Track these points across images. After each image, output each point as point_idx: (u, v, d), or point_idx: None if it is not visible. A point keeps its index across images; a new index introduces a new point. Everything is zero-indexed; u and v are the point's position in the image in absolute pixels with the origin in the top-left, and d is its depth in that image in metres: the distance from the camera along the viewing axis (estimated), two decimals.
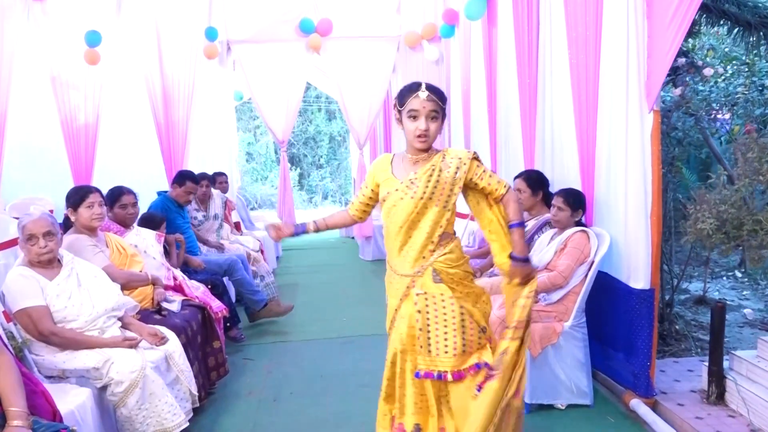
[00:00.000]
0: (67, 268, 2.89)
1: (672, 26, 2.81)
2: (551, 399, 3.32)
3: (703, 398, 3.22)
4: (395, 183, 2.40)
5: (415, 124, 2.29)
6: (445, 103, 2.32)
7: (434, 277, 2.36)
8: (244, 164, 17.74)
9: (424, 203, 2.33)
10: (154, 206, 4.91)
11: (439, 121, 2.32)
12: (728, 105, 5.39)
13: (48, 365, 2.74)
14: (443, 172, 2.34)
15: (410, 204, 2.34)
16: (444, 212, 2.35)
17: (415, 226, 2.36)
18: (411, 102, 2.28)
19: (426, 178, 2.34)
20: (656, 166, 3.09)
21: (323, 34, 7.49)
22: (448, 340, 2.34)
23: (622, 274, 3.33)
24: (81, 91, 6.55)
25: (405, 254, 2.39)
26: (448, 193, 2.35)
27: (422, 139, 2.30)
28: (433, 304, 2.35)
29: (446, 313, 2.34)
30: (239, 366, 4.11)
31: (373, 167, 2.54)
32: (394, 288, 2.45)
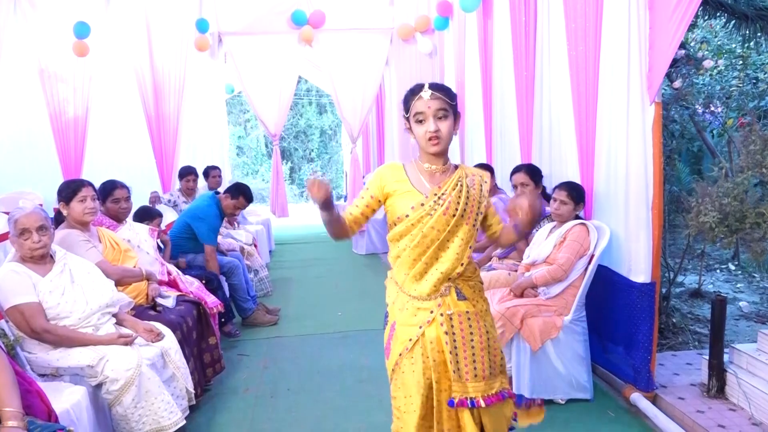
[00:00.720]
0: (60, 263, 2.82)
1: (675, 17, 2.78)
2: (551, 394, 3.30)
3: (704, 392, 3.22)
4: (419, 197, 2.12)
5: (424, 127, 2.07)
6: (454, 100, 2.10)
7: (458, 294, 2.14)
8: (234, 158, 17.62)
9: (456, 221, 2.09)
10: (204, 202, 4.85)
11: (451, 120, 2.08)
12: (722, 98, 5.40)
13: (41, 363, 2.68)
14: (471, 188, 2.14)
15: (442, 221, 2.08)
16: (474, 231, 2.14)
17: (445, 246, 2.11)
18: (415, 105, 2.08)
19: (456, 193, 2.10)
20: (657, 158, 3.06)
21: (316, 26, 7.43)
22: (477, 362, 2.11)
23: (622, 267, 3.31)
24: (70, 84, 6.46)
25: (429, 277, 2.13)
26: (476, 209, 2.14)
27: (435, 141, 2.06)
28: (459, 324, 2.12)
29: (473, 332, 2.13)
30: (235, 362, 4.07)
31: (383, 173, 2.22)
32: (410, 315, 2.14)
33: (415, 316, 2.13)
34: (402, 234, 2.13)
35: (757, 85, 5.81)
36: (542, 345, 3.24)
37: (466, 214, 2.11)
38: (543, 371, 3.27)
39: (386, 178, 2.20)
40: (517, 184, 3.77)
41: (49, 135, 6.46)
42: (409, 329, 2.13)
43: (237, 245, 5.76)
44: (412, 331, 2.12)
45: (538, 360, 3.25)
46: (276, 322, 4.93)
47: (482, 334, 2.14)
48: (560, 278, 3.31)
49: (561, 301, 3.32)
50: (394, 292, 2.21)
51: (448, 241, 2.11)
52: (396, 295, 2.20)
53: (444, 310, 2.11)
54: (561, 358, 3.29)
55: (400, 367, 2.12)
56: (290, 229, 10.20)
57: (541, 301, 3.34)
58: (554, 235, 3.44)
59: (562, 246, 3.35)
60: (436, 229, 2.08)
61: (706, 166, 7.43)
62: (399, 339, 2.14)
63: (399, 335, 2.14)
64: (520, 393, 3.26)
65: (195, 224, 4.70)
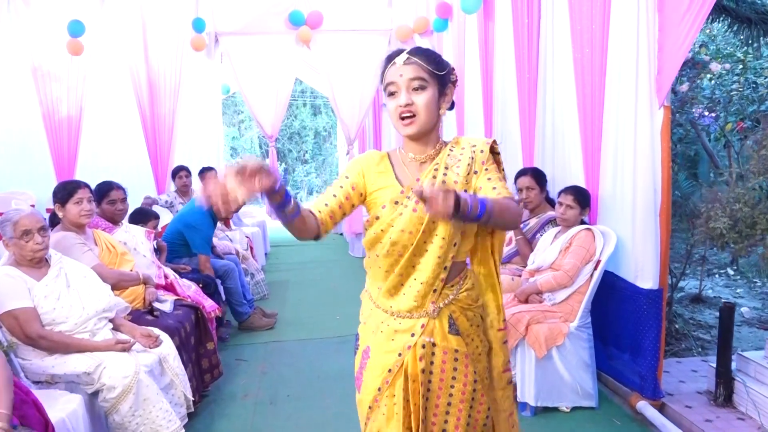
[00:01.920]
0: (56, 267, 2.74)
1: (686, 20, 2.73)
2: (556, 401, 3.25)
3: (711, 400, 3.17)
4: (395, 191, 1.69)
5: (395, 101, 1.63)
6: (439, 68, 1.64)
7: (450, 324, 1.71)
8: (228, 159, 17.51)
9: (431, 217, 1.62)
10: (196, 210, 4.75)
11: (431, 92, 1.62)
12: (723, 102, 5.38)
13: (36, 370, 2.60)
14: (451, 168, 1.68)
15: (413, 219, 1.64)
16: (459, 224, 1.65)
17: (422, 251, 1.68)
18: (387, 73, 1.65)
19: (429, 182, 1.65)
20: (665, 163, 3.01)
21: (313, 26, 7.36)
22: (450, 416, 1.71)
23: (628, 273, 3.26)
24: (63, 83, 6.37)
25: (407, 290, 1.72)
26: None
27: (407, 121, 1.62)
28: (442, 363, 1.70)
29: (456, 377, 1.70)
30: (232, 367, 3.99)
31: (363, 160, 1.78)
32: (386, 338, 1.72)
33: (393, 340, 1.71)
34: (373, 241, 1.72)
35: (757, 89, 5.80)
36: (547, 352, 3.18)
37: None
38: (548, 378, 3.21)
39: (367, 167, 1.75)
40: (522, 188, 3.72)
41: (42, 134, 6.36)
42: (385, 357, 1.71)
43: (233, 248, 5.69)
44: (389, 359, 1.70)
45: (543, 367, 3.20)
46: (273, 326, 4.85)
47: (468, 384, 1.71)
48: (566, 284, 3.26)
49: (566, 308, 3.27)
50: (368, 308, 1.82)
51: (425, 243, 1.67)
52: (369, 312, 1.81)
53: (426, 337, 1.69)
54: (566, 365, 3.24)
55: (378, 407, 1.71)
56: (284, 231, 10.11)
57: (546, 307, 3.29)
58: (559, 240, 3.39)
59: (567, 252, 3.31)
60: (407, 232, 1.65)
61: (703, 171, 7.43)
62: (374, 370, 1.73)
63: (373, 365, 1.74)
64: (525, 401, 3.21)
65: (188, 233, 4.63)
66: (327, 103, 18.03)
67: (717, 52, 5.94)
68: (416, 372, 1.68)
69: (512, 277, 3.77)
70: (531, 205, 3.74)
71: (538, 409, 3.21)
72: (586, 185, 3.57)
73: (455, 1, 6.19)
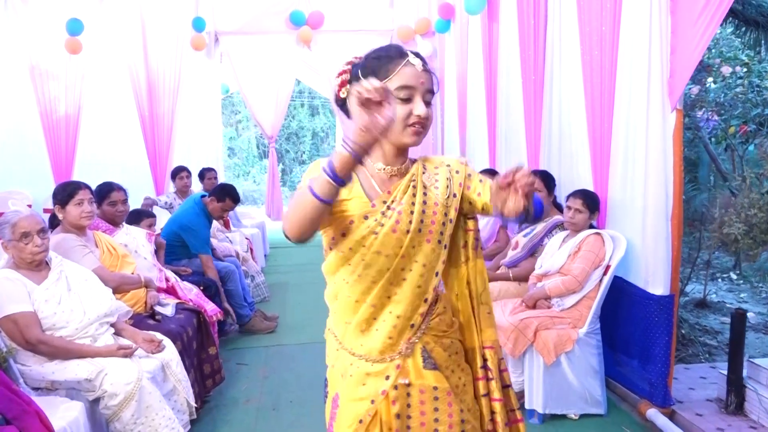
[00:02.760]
0: (56, 271, 2.68)
1: (700, 22, 2.69)
2: (564, 409, 3.19)
3: (722, 408, 3.12)
4: (364, 205, 1.47)
5: (409, 107, 1.43)
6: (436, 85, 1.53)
7: (425, 359, 1.50)
8: (225, 159, 17.43)
9: (411, 238, 1.45)
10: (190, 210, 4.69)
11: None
12: (727, 105, 5.35)
13: (35, 376, 2.53)
14: (430, 188, 1.52)
15: (392, 241, 1.45)
16: (440, 250, 1.50)
17: (399, 279, 1.47)
18: (402, 73, 1.43)
19: (409, 199, 1.47)
20: (678, 167, 2.97)
21: (314, 26, 7.32)
22: None
23: (639, 279, 3.21)
24: (61, 82, 6.31)
25: (380, 326, 1.49)
26: (441, 220, 1.50)
27: (417, 129, 1.45)
28: (420, 404, 1.48)
29: (439, 419, 1.49)
30: (234, 371, 3.92)
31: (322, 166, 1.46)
32: (355, 384, 1.50)
33: (364, 385, 1.49)
34: (339, 263, 1.50)
35: (761, 92, 5.77)
36: (556, 358, 3.13)
37: (425, 228, 1.48)
38: (556, 385, 3.16)
39: None
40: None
41: (39, 134, 6.30)
42: (355, 405, 1.49)
43: (233, 250, 5.62)
44: (361, 408, 1.48)
45: (552, 374, 3.15)
46: (274, 330, 4.79)
47: (454, 425, 1.49)
48: (575, 289, 3.21)
49: (575, 313, 3.22)
50: (333, 350, 1.58)
51: (402, 270, 1.47)
52: (336, 354, 1.57)
53: (403, 378, 1.48)
54: (575, 372, 3.19)
55: None
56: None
57: (554, 312, 3.24)
58: (568, 244, 3.34)
59: (576, 256, 3.26)
60: (384, 254, 1.45)
61: (703, 174, 7.40)
62: (344, 420, 1.50)
63: (343, 415, 1.51)
64: (533, 408, 3.16)
65: (184, 235, 4.55)
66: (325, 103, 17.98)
67: (720, 54, 5.92)
68: (390, 419, 1.47)
69: (518, 282, 3.72)
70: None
71: (546, 416, 3.16)
72: (595, 189, 3.52)
73: (458, 1, 6.15)
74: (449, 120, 6.99)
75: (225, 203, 4.66)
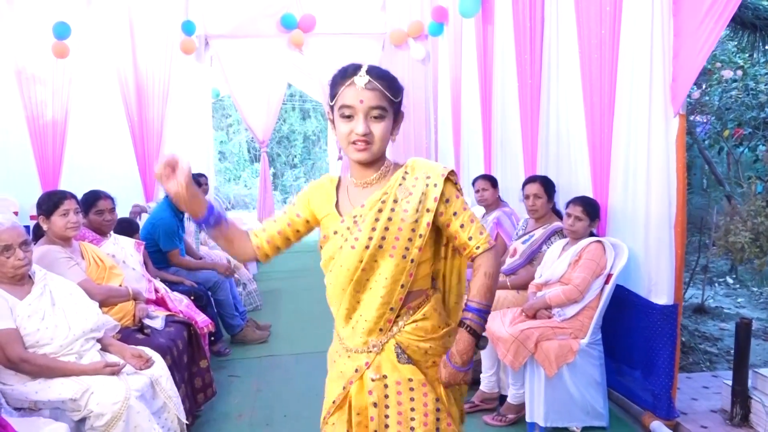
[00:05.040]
0: (40, 285, 2.56)
1: (705, 26, 2.62)
2: (566, 422, 3.11)
3: (726, 419, 3.05)
4: (336, 222, 1.64)
5: (349, 125, 1.54)
6: (398, 95, 1.59)
7: (399, 354, 1.63)
8: (216, 163, 17.30)
9: (371, 254, 1.57)
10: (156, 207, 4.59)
11: (388, 121, 1.56)
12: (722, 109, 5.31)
13: (17, 396, 2.41)
14: (400, 203, 1.58)
15: (351, 256, 1.58)
16: (405, 265, 1.58)
17: (363, 287, 1.62)
18: (343, 93, 1.53)
19: (374, 215, 1.57)
20: (681, 173, 2.91)
21: (306, 30, 7.24)
22: None
23: (641, 288, 3.14)
24: (48, 86, 6.19)
25: (355, 324, 1.66)
26: (408, 236, 1.57)
27: (360, 147, 1.54)
28: (397, 395, 1.62)
29: (415, 407, 1.62)
30: (225, 384, 3.82)
31: (310, 188, 1.74)
32: (337, 369, 1.70)
33: (341, 372, 1.68)
34: (324, 267, 1.69)
35: (757, 96, 5.74)
36: (558, 370, 3.05)
37: (386, 244, 1.56)
38: (558, 398, 3.08)
39: (313, 193, 1.72)
40: (530, 195, 3.58)
41: (26, 139, 6.17)
42: (333, 387, 1.70)
43: (224, 257, 5.51)
44: (336, 391, 1.68)
45: (553, 386, 3.06)
46: (266, 339, 4.68)
47: (429, 413, 1.62)
48: (576, 299, 3.13)
49: (577, 323, 3.14)
50: (335, 336, 1.77)
51: (367, 281, 1.61)
52: (334, 341, 1.76)
53: (377, 370, 1.62)
54: (576, 383, 3.11)
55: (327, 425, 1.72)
56: None
57: (555, 323, 3.15)
58: (568, 253, 3.26)
59: (577, 265, 3.17)
60: (345, 267, 1.60)
61: (695, 178, 7.37)
62: (327, 396, 1.73)
63: (327, 392, 1.74)
64: (534, 421, 3.08)
65: (156, 234, 4.39)
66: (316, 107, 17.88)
67: (713, 58, 5.88)
68: (363, 404, 1.64)
69: (517, 291, 3.64)
70: (537, 214, 3.62)
71: (547, 429, 3.08)
72: (594, 196, 3.45)
73: (452, 4, 6.07)
74: (443, 124, 6.91)
75: None
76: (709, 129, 5.79)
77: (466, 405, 3.37)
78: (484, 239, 1.63)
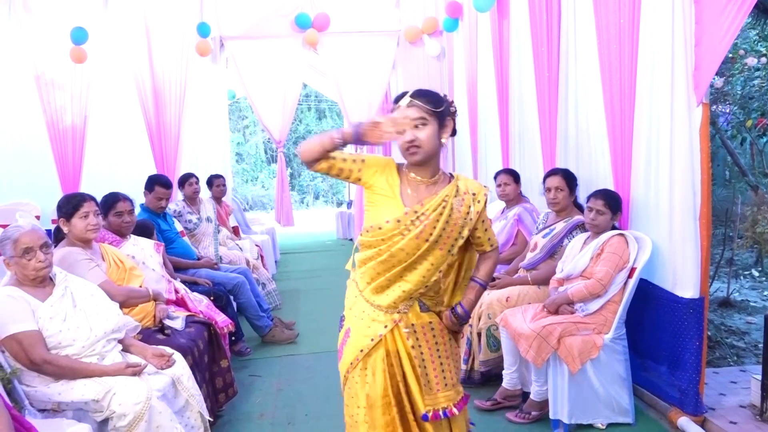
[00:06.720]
0: (61, 287, 2.58)
1: (728, 12, 2.56)
2: (591, 418, 3.07)
3: (756, 414, 2.98)
4: (399, 210, 2.01)
5: (402, 137, 1.98)
6: (438, 106, 1.98)
7: (421, 306, 2.10)
8: (233, 165, 17.38)
9: (428, 246, 2.00)
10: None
11: (432, 127, 1.97)
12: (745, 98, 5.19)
13: (41, 397, 2.43)
14: (455, 211, 2.02)
15: (413, 244, 1.99)
16: (447, 257, 2.05)
17: (412, 268, 2.03)
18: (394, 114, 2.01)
19: (436, 216, 1.99)
20: (705, 163, 2.84)
21: (320, 29, 7.22)
22: (445, 371, 2.11)
23: (666, 281, 3.08)
24: (67, 91, 6.22)
25: (391, 293, 2.05)
26: (455, 236, 2.04)
27: (412, 150, 1.98)
28: (424, 335, 2.09)
29: (437, 341, 2.11)
30: (246, 384, 3.82)
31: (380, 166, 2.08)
32: (364, 325, 2.06)
33: (369, 327, 2.05)
34: (371, 245, 2.04)
35: None
36: (581, 366, 3.01)
37: (441, 240, 2.01)
38: (582, 394, 3.03)
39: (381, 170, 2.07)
40: (552, 188, 3.54)
41: (46, 144, 6.21)
42: (361, 339, 2.05)
43: (243, 257, 5.52)
44: (364, 342, 2.05)
45: (577, 382, 3.02)
46: (295, 339, 4.66)
47: (446, 342, 2.14)
48: (598, 293, 3.08)
49: (600, 318, 3.09)
50: (353, 296, 2.13)
51: (416, 264, 2.02)
52: (354, 300, 2.12)
53: (407, 323, 2.06)
54: (601, 379, 3.06)
55: (351, 377, 2.08)
56: (293, 237, 9.96)
57: (578, 318, 3.11)
58: (590, 247, 3.21)
59: (599, 259, 3.13)
60: (405, 251, 1.99)
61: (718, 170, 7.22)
62: (351, 347, 2.08)
63: (352, 343, 2.08)
64: (558, 418, 3.03)
65: None
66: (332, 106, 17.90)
67: (735, 46, 5.76)
68: (397, 349, 2.05)
69: (538, 286, 3.59)
70: (558, 207, 3.57)
71: (571, 426, 3.03)
72: (616, 188, 3.39)
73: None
74: (459, 120, 6.84)
75: (155, 191, 4.49)
76: (731, 119, 5.67)
77: (488, 402, 3.35)
78: (493, 242, 2.18)
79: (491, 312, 3.51)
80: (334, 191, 18.71)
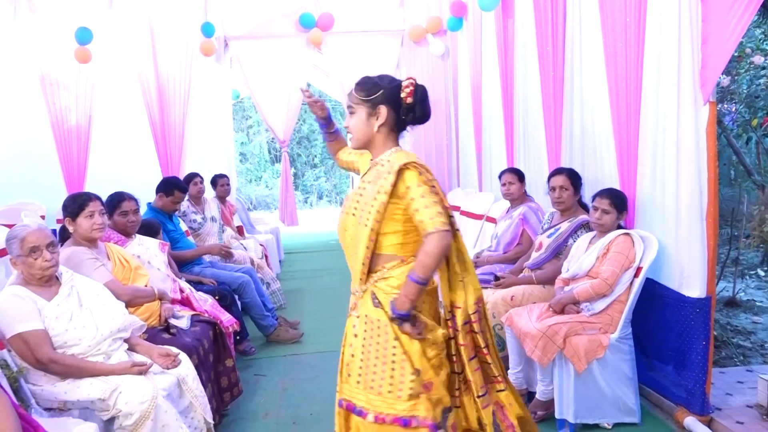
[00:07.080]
0: (67, 286, 2.58)
1: (735, 10, 2.55)
2: (597, 418, 3.06)
3: (763, 415, 2.97)
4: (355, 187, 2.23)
5: None
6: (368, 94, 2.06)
7: (373, 300, 2.06)
8: (238, 165, 17.39)
9: (355, 222, 2.08)
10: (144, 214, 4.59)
11: (360, 114, 2.07)
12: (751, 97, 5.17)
13: (47, 396, 2.43)
14: (369, 185, 2.07)
15: (344, 221, 2.15)
16: (369, 233, 2.01)
17: (356, 247, 2.08)
18: None
19: (359, 191, 2.11)
20: (712, 162, 2.83)
21: (324, 28, 7.22)
22: (376, 374, 2.02)
23: (672, 281, 3.07)
24: (72, 91, 6.26)
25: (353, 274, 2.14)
26: (368, 209, 2.02)
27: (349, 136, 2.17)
28: (369, 330, 2.04)
29: (379, 342, 2.02)
30: (251, 383, 3.82)
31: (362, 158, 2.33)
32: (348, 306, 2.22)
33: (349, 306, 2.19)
34: None
35: None
36: (587, 366, 3.00)
37: (358, 213, 2.06)
38: (588, 394, 3.02)
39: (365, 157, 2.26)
40: (556, 187, 3.53)
41: (50, 144, 6.25)
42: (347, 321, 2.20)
43: (247, 257, 5.52)
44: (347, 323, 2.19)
45: (584, 382, 3.01)
46: (299, 338, 4.66)
47: (387, 348, 2.02)
48: (604, 293, 3.07)
49: (606, 318, 3.08)
50: None
51: (356, 240, 2.07)
52: None
53: (360, 312, 2.09)
54: (607, 379, 3.05)
55: None
56: (297, 237, 9.95)
57: (584, 318, 3.10)
58: (595, 246, 3.20)
59: (605, 258, 3.12)
60: (343, 228, 2.14)
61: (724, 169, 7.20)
62: None
63: None
64: (563, 418, 3.03)
65: None
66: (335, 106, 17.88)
67: (740, 45, 5.74)
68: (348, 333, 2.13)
69: (543, 286, 3.59)
70: (563, 206, 3.56)
71: (577, 426, 3.03)
72: (621, 187, 3.38)
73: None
74: (463, 120, 6.86)
75: (175, 196, 4.54)
76: (737, 117, 5.65)
77: None
78: (432, 224, 1.92)
79: (496, 311, 3.50)
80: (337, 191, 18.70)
